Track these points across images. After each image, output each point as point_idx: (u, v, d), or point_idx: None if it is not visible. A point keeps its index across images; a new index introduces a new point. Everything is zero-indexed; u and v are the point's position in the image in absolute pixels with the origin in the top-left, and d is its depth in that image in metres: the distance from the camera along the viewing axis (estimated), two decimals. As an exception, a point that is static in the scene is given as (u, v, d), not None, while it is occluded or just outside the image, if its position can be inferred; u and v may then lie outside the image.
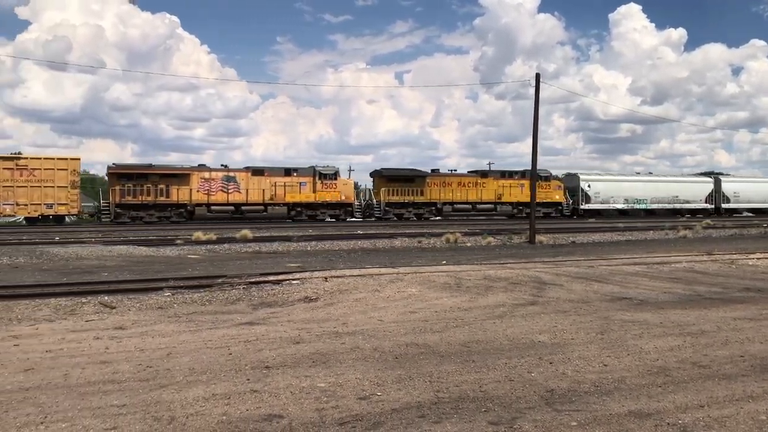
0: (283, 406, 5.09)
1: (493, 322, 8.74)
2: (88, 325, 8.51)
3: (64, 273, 14.29)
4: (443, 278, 12.75)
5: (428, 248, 21.95)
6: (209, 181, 37.98)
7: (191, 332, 8.07)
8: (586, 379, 5.92)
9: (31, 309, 9.55)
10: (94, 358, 6.67)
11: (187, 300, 10.54)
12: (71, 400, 5.21)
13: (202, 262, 16.77)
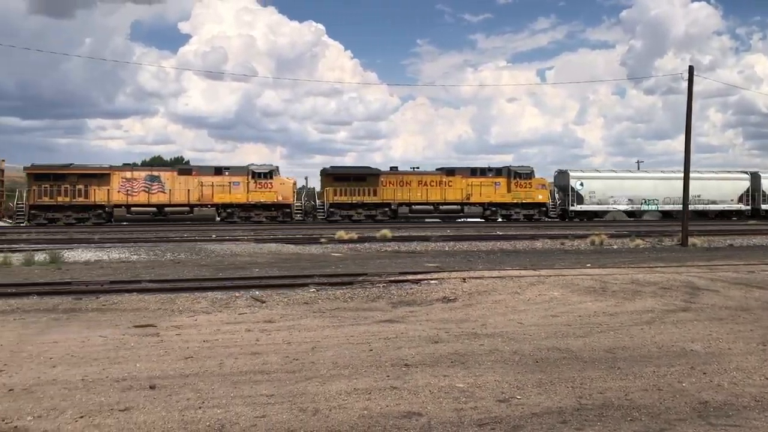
0: (422, 404, 5.15)
1: (640, 328, 8.33)
2: (241, 318, 9.05)
3: (220, 269, 15.27)
4: (587, 281, 12.31)
5: (571, 250, 21.28)
6: (131, 181, 36.65)
7: (334, 327, 8.36)
8: (745, 393, 5.50)
9: (190, 301, 10.30)
10: (246, 349, 7.08)
11: (330, 296, 10.92)
12: (225, 388, 5.57)
13: (344, 260, 17.29)
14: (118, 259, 17.22)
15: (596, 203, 42.65)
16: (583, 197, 42.20)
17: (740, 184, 45.64)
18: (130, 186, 36.45)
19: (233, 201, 37.20)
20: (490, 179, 40.66)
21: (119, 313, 9.43)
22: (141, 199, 36.55)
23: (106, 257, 17.59)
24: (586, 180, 42.64)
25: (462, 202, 40.11)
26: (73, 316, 9.19)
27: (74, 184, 35.60)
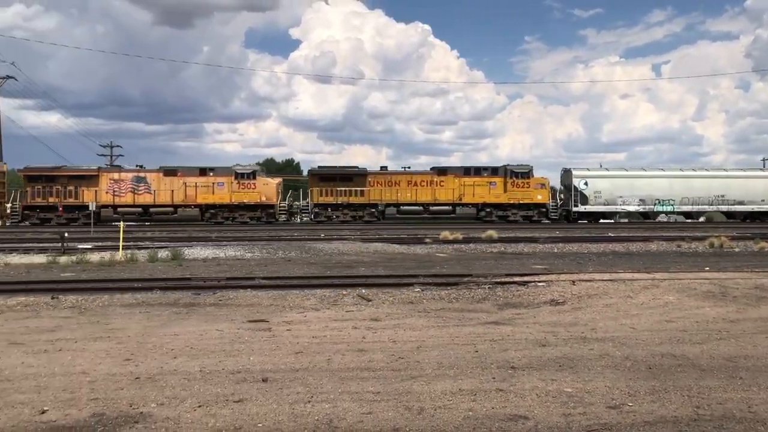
0: (528, 408, 5.08)
1: (766, 336, 7.82)
2: (348, 315, 9.24)
3: (328, 267, 15.66)
4: (705, 286, 11.68)
5: (688, 253, 20.25)
6: (118, 182, 37.54)
7: (439, 328, 8.37)
8: None
9: (300, 298, 10.63)
10: (353, 346, 7.23)
11: (435, 296, 10.94)
12: (333, 383, 5.72)
13: (449, 261, 17.27)
14: (234, 257, 18.00)
15: (602, 204, 39.78)
16: (588, 197, 39.53)
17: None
18: (118, 187, 37.45)
19: (217, 201, 37.49)
20: (484, 179, 39.09)
21: (234, 308, 9.87)
22: (127, 200, 37.54)
23: (223, 255, 18.44)
24: (591, 179, 39.82)
25: (453, 203, 38.74)
26: (192, 311, 9.71)
27: (65, 185, 36.95)
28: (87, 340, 7.62)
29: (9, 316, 9.39)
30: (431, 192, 38.68)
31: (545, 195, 39.31)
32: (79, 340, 7.57)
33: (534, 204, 39.05)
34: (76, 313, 9.61)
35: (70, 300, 10.52)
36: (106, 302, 10.41)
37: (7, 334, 7.96)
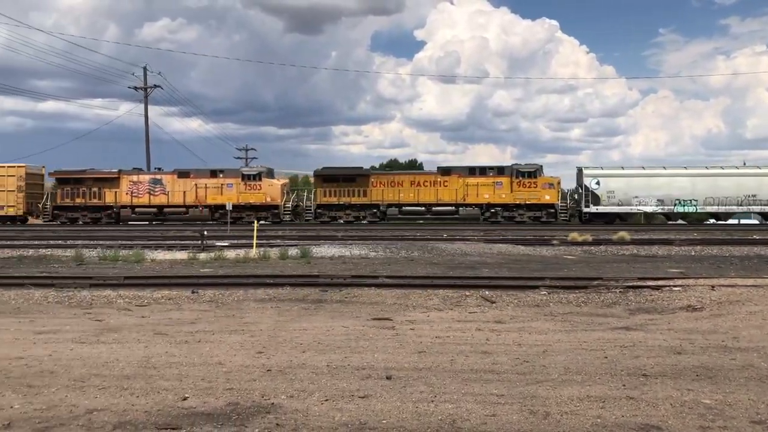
0: (662, 418, 4.84)
1: None
2: (471, 317, 9.19)
3: (450, 267, 15.65)
4: None
5: None
6: (137, 183, 39.27)
7: (566, 332, 8.15)
8: None
9: (423, 298, 10.70)
10: (476, 347, 7.19)
11: (562, 300, 10.65)
12: (456, 384, 5.71)
13: (577, 263, 16.75)
14: (359, 255, 18.40)
15: (616, 204, 36.77)
16: (600, 197, 36.74)
17: None
18: (136, 188, 39.34)
19: (225, 202, 36.78)
20: (490, 178, 37.68)
21: (359, 306, 10.09)
22: (144, 201, 39.36)
23: (348, 253, 18.89)
24: (603, 178, 37.05)
25: (457, 203, 37.61)
26: (319, 307, 10.04)
27: (90, 187, 39.42)
28: (223, 332, 8.07)
29: (155, 308, 10.12)
30: (434, 192, 37.98)
31: (554, 195, 37.47)
32: (216, 333, 8.03)
33: (542, 204, 37.42)
34: (213, 306, 10.20)
35: (208, 294, 11.17)
36: (241, 297, 10.96)
37: (154, 325, 8.58)
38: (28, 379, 5.89)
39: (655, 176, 37.65)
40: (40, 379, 5.89)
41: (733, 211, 37.32)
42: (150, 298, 11.01)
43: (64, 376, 6.02)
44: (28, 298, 11.09)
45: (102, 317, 9.27)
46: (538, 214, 37.43)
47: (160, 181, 39.88)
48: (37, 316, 9.51)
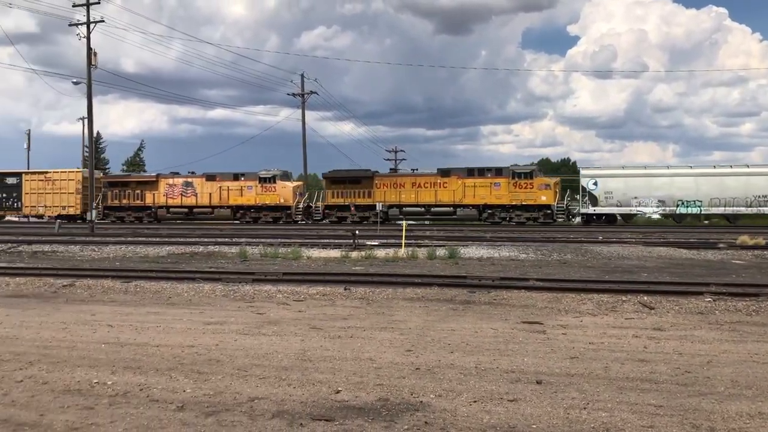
0: None
1: None
2: (627, 323, 8.77)
3: (606, 271, 15.00)
4: None
5: None
6: (172, 186, 43.77)
7: (734, 342, 7.55)
8: None
9: (576, 302, 10.36)
10: (633, 355, 6.85)
11: (729, 308, 9.88)
12: (610, 392, 5.48)
13: (748, 269, 15.45)
14: (508, 257, 18.15)
15: (615, 205, 36.02)
16: (598, 198, 36.14)
17: None
18: (171, 191, 43.67)
19: (245, 203, 41.74)
20: (487, 179, 37.95)
21: (508, 308, 9.96)
22: (177, 202, 43.70)
23: (497, 255, 18.69)
24: (601, 179, 36.33)
25: (455, 204, 38.32)
26: (467, 308, 10.02)
27: (134, 189, 44.34)
28: (373, 329, 8.29)
29: (310, 303, 10.59)
30: (433, 193, 38.75)
31: (550, 196, 37.04)
32: (367, 329, 8.27)
33: (538, 205, 37.25)
34: (364, 303, 10.50)
35: (359, 292, 11.52)
36: (390, 295, 11.20)
37: (309, 320, 8.99)
38: (198, 366, 6.39)
39: (656, 176, 36.38)
40: (208, 367, 6.37)
41: (740, 212, 34.96)
42: (306, 293, 11.53)
43: (229, 364, 6.47)
44: (199, 291, 12.01)
45: (263, 311, 9.85)
46: (536, 214, 37.40)
47: (191, 183, 43.81)
48: (206, 308, 10.28)
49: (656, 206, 36.05)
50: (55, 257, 19.58)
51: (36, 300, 11.25)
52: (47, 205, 45.32)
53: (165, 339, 7.74)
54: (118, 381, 5.85)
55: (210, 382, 5.82)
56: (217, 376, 6.04)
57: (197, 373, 6.12)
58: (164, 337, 7.88)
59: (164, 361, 6.63)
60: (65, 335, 7.99)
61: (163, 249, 21.24)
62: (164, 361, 6.63)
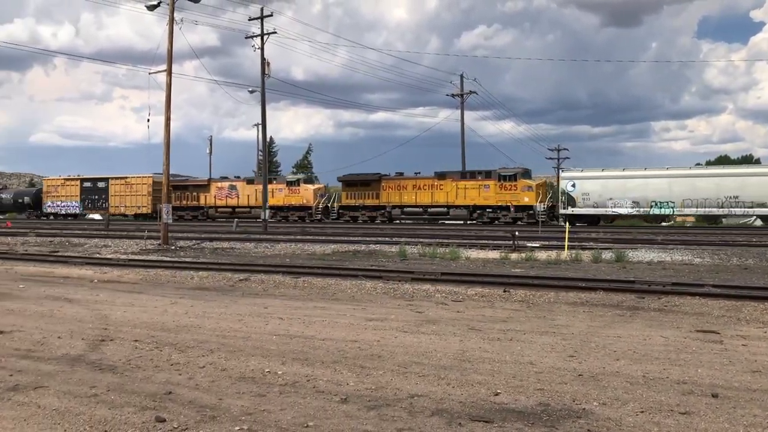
0: None
1: None
2: (821, 337, 7.91)
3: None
4: None
5: None
6: (221, 189, 51.04)
7: None
8: None
9: (759, 311, 9.51)
10: (827, 372, 6.17)
11: None
12: (800, 412, 4.98)
13: None
14: (680, 261, 17.03)
15: (591, 206, 38.07)
16: (576, 199, 38.20)
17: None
18: (220, 193, 51.17)
19: (276, 203, 46.78)
20: (477, 182, 41.25)
21: (680, 316, 9.35)
22: (223, 203, 51.09)
23: (669, 258, 17.60)
24: (579, 180, 38.55)
25: (448, 205, 42.01)
26: (635, 314, 9.53)
27: (191, 191, 52.54)
28: (534, 333, 8.13)
29: (469, 304, 10.60)
30: (430, 195, 42.64)
31: (532, 197, 39.63)
32: (527, 333, 8.12)
33: (522, 206, 39.80)
34: (524, 306, 10.33)
35: (519, 294, 11.34)
36: (552, 299, 10.92)
37: (468, 320, 9.00)
38: (360, 361, 6.62)
39: (630, 178, 37.59)
40: (370, 362, 6.59)
41: (712, 213, 36.44)
42: (464, 294, 11.54)
43: (390, 360, 6.64)
44: (361, 288, 12.42)
45: (422, 309, 9.99)
46: (520, 215, 39.82)
47: (235, 187, 50.69)
48: (367, 304, 10.61)
49: (631, 207, 37.59)
50: (232, 253, 21.13)
51: (216, 293, 12.22)
52: (126, 205, 54.09)
53: (330, 333, 8.10)
54: (288, 371, 6.21)
55: (372, 377, 6.01)
56: (378, 371, 6.22)
57: (360, 368, 6.34)
58: (329, 331, 8.25)
59: (329, 354, 6.94)
60: (241, 326, 8.61)
61: (328, 247, 22.22)
62: (329, 354, 6.94)
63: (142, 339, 7.71)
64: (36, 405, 5.15)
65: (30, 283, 13.63)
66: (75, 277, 14.79)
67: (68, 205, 57.47)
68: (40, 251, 21.73)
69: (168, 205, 25.70)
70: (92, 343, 7.53)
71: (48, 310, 9.97)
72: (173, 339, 7.74)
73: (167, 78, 25.48)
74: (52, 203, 58.37)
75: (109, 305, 10.47)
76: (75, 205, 57.04)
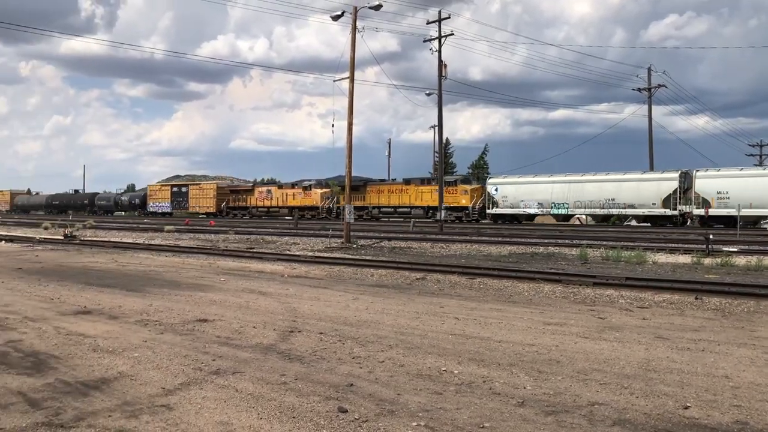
0: None
1: None
2: None
3: None
4: None
5: None
6: (261, 192, 62.37)
7: None
8: None
9: None
10: None
11: None
12: None
13: None
14: None
15: (509, 207, 45.81)
16: (497, 201, 46.21)
17: (665, 185, 39.14)
18: (260, 196, 62.24)
19: (295, 204, 57.58)
20: (431, 187, 48.44)
21: None
22: (261, 204, 61.82)
23: None
24: (500, 185, 46.63)
25: (411, 206, 50.78)
26: None
27: (240, 194, 65.01)
28: (730, 344, 7.49)
29: (655, 311, 9.99)
30: (399, 197, 52.04)
31: (467, 200, 48.12)
32: (722, 344, 7.51)
33: (460, 207, 48.27)
34: (719, 315, 9.55)
35: (713, 302, 10.50)
36: (752, 308, 10.00)
37: (654, 328, 8.49)
38: (538, 365, 6.50)
39: (538, 183, 45.06)
40: (547, 366, 6.44)
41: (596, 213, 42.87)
42: (651, 300, 10.90)
43: (569, 366, 6.45)
44: (538, 291, 12.17)
45: (604, 315, 9.58)
46: (459, 214, 48.36)
47: (270, 191, 61.94)
48: (545, 308, 10.37)
49: (537, 207, 44.88)
50: (409, 252, 21.62)
51: (394, 290, 12.58)
52: (199, 206, 66.95)
53: (506, 335, 8.03)
54: (464, 371, 6.25)
55: (550, 382, 5.88)
56: (556, 376, 6.07)
57: (537, 372, 6.23)
58: (505, 333, 8.18)
59: (505, 356, 6.89)
60: (418, 324, 8.80)
61: (504, 248, 22.00)
62: (505, 356, 6.89)
63: (326, 332, 8.15)
64: (234, 389, 5.63)
65: (229, 276, 14.91)
66: (268, 272, 15.94)
67: (163, 206, 70.97)
68: (237, 248, 23.65)
69: (349, 206, 26.86)
70: (282, 333, 8.09)
71: (244, 301, 10.85)
72: (354, 333, 8.10)
73: (349, 84, 26.64)
74: (153, 204, 72.12)
75: (297, 299, 11.16)
76: (167, 206, 70.56)
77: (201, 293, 11.79)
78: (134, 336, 7.87)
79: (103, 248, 24.48)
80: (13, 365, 6.40)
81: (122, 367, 6.35)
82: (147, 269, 16.42)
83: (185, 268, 16.98)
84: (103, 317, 9.24)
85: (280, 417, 4.90)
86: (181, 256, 21.22)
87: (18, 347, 7.22)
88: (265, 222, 51.88)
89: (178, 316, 9.34)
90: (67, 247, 24.84)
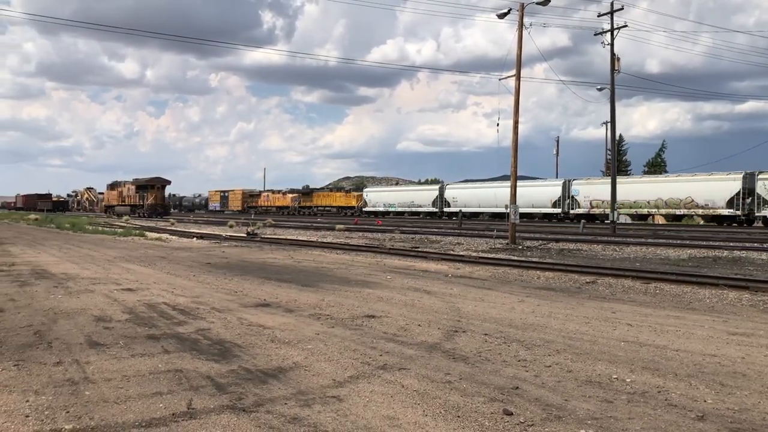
0: None
1: None
2: None
3: None
4: None
5: None
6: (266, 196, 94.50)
7: None
8: None
9: None
10: None
11: None
12: None
13: None
14: None
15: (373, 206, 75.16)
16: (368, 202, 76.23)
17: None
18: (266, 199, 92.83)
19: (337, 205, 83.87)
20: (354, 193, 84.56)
21: None
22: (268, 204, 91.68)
23: None
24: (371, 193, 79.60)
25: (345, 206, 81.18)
26: None
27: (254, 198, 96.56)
28: None
29: None
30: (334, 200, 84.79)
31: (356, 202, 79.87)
32: None
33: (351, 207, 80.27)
34: None
35: None
36: None
37: None
38: (720, 377, 6.03)
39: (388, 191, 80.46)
40: (731, 380, 5.96)
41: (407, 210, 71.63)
42: None
43: (757, 381, 5.92)
44: (722, 298, 11.28)
45: (799, 327, 8.67)
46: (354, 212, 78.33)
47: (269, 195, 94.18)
48: (729, 316, 9.59)
49: (383, 207, 73.44)
50: (579, 255, 20.89)
51: (562, 294, 12.22)
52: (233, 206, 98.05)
53: (684, 344, 7.52)
54: (636, 380, 5.94)
55: (734, 396, 5.44)
56: (742, 390, 5.60)
57: (719, 385, 5.78)
58: (683, 342, 7.67)
59: (683, 366, 6.46)
60: (587, 329, 8.48)
61: (684, 252, 20.62)
62: (683, 366, 6.46)
63: (490, 333, 8.11)
64: (400, 384, 5.78)
65: (395, 274, 15.27)
66: (432, 271, 16.13)
67: (216, 206, 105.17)
68: (403, 246, 24.16)
69: (515, 206, 26.46)
70: (446, 333, 8.16)
71: (409, 299, 11.07)
72: (520, 336, 7.98)
73: (516, 83, 26.25)
74: (212, 204, 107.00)
75: (461, 299, 11.20)
76: (218, 206, 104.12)
77: (369, 290, 12.19)
78: (308, 329, 8.31)
79: (281, 245, 26.08)
80: (203, 351, 7.01)
81: (297, 357, 6.73)
82: (319, 266, 17.26)
83: (354, 265, 17.63)
84: (281, 310, 9.85)
85: (444, 415, 4.96)
86: (350, 253, 22.08)
87: (207, 335, 7.90)
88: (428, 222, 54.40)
89: (347, 311, 9.73)
90: (249, 244, 26.75)
